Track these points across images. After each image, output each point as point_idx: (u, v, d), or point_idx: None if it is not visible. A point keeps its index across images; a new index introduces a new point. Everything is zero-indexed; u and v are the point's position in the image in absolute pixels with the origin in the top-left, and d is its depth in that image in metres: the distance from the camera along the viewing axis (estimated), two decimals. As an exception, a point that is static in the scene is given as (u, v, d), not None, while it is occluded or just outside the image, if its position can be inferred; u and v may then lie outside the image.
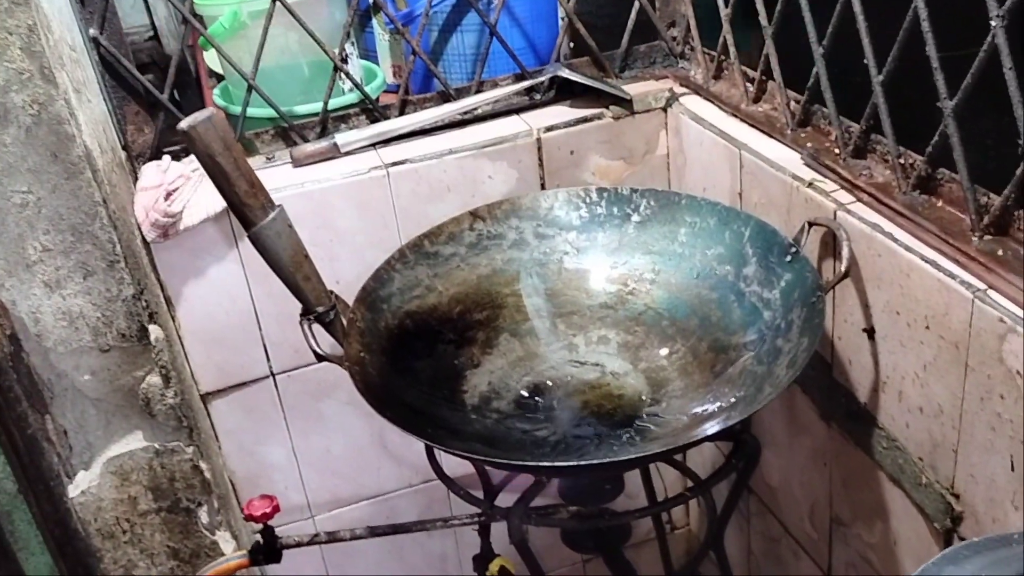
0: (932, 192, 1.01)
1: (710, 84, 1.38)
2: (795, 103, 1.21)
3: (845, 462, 1.19)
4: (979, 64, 0.87)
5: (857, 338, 1.09)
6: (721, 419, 0.95)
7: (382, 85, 1.57)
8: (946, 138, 0.94)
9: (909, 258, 0.96)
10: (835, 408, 1.17)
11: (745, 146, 1.23)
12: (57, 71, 1.01)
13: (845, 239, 1.03)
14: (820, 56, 1.11)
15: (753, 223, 1.12)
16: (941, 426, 0.98)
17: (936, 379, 0.97)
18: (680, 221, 1.19)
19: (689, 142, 1.37)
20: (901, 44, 0.97)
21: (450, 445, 0.96)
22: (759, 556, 1.51)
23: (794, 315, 1.02)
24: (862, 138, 1.09)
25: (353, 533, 1.14)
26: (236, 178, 0.96)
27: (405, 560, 1.61)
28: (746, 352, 1.05)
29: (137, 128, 1.30)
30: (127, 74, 1.27)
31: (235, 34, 1.40)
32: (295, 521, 1.50)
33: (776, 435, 1.34)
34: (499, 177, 1.35)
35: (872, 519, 1.16)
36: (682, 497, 1.05)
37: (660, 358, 1.13)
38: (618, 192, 1.22)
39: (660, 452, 0.96)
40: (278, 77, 1.43)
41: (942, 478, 1.00)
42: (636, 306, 1.18)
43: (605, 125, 1.38)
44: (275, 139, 1.37)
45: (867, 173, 1.08)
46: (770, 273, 1.08)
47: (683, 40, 1.46)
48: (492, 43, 1.39)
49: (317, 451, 1.47)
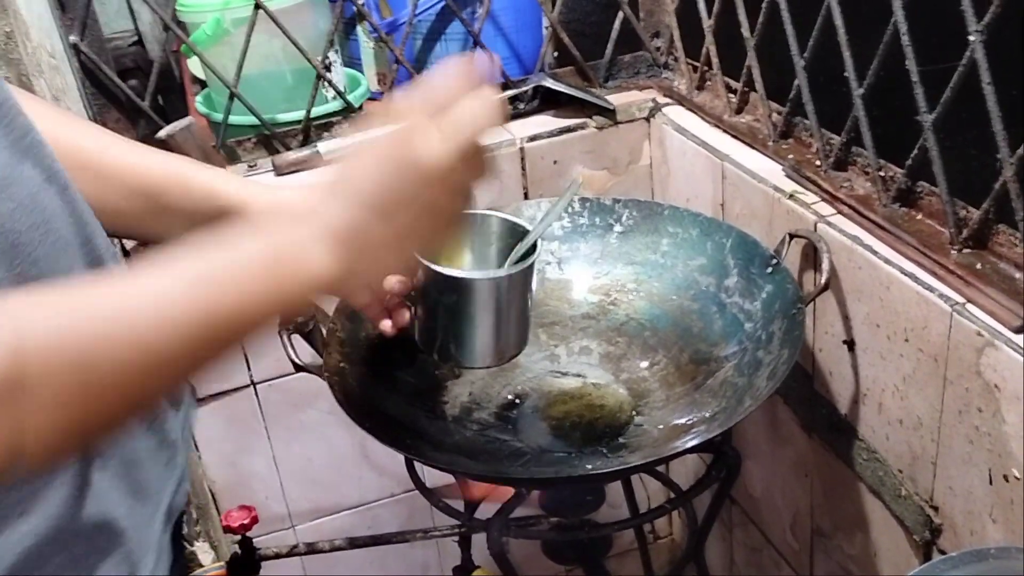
0: (912, 205, 1.01)
1: (694, 95, 1.39)
2: (777, 115, 1.21)
3: (826, 473, 1.19)
4: (958, 78, 0.87)
5: (838, 350, 1.09)
6: (701, 431, 0.95)
7: (366, 93, 1.57)
8: (926, 151, 0.94)
9: (889, 271, 0.97)
10: (816, 419, 1.18)
11: (728, 157, 1.23)
12: (35, 78, 1.01)
13: (825, 251, 1.04)
14: (801, 68, 1.11)
15: (735, 234, 1.12)
16: (920, 439, 0.98)
17: (915, 392, 0.97)
18: (662, 232, 1.19)
19: (672, 152, 1.37)
20: (881, 57, 0.97)
21: (430, 457, 0.95)
22: (741, 566, 1.51)
23: (775, 327, 1.02)
24: (843, 150, 1.09)
25: (332, 544, 1.13)
26: (215, 187, 0.95)
27: (387, 569, 1.61)
28: (727, 363, 1.05)
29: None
30: (108, 81, 1.26)
31: (218, 41, 1.39)
32: (276, 531, 1.49)
33: (758, 446, 1.34)
34: (482, 186, 1.34)
35: (853, 530, 1.16)
36: (662, 509, 1.04)
37: (641, 369, 1.13)
38: (600, 202, 1.22)
39: (640, 464, 0.95)
40: (261, 85, 1.43)
41: (921, 490, 1.00)
42: (618, 316, 1.18)
43: (589, 135, 1.38)
44: (257, 147, 1.36)
45: (848, 185, 1.08)
46: (751, 284, 1.08)
47: (667, 51, 1.47)
48: (476, 52, 1.39)
49: (298, 461, 1.46)
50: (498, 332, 0.81)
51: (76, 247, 0.61)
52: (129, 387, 0.51)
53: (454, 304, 0.78)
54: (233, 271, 0.56)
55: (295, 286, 0.58)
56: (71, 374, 0.48)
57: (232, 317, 0.55)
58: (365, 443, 1.48)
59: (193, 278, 0.55)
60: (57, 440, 0.49)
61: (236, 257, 0.57)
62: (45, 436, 0.47)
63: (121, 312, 0.51)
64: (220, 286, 0.55)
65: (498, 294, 0.78)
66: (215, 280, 0.55)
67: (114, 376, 0.50)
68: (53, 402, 0.47)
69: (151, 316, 0.52)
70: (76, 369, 0.48)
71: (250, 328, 0.57)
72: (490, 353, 0.82)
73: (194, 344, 0.54)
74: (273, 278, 0.57)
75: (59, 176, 0.62)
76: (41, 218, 0.57)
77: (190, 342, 0.53)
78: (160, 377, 0.54)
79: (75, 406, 0.48)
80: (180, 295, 0.53)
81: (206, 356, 0.55)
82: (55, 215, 0.59)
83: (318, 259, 0.59)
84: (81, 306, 0.51)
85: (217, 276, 0.55)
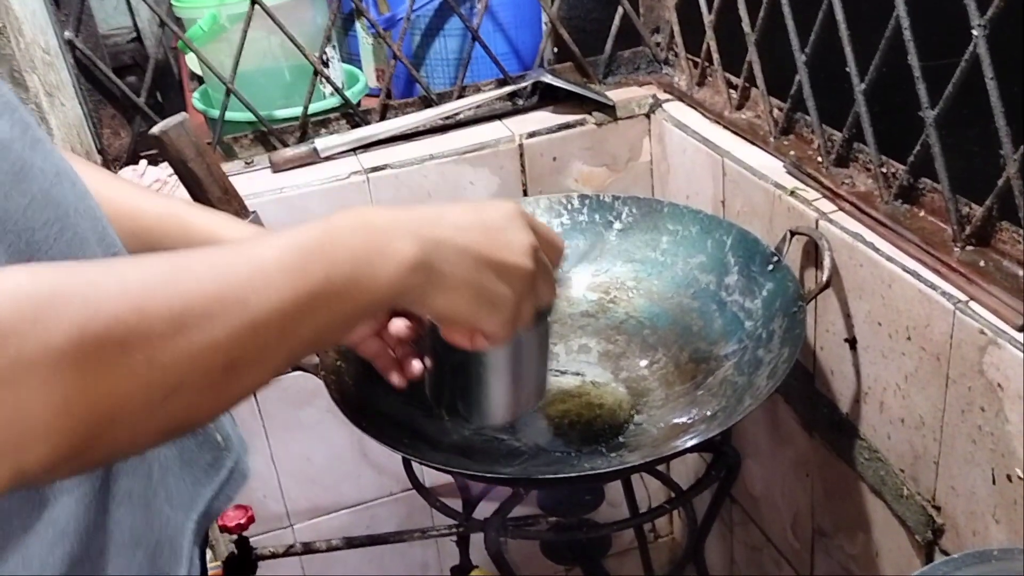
0: (914, 202, 1.00)
1: (694, 91, 1.38)
2: (778, 111, 1.20)
3: (827, 473, 1.18)
4: (960, 74, 0.86)
5: (839, 348, 1.08)
6: (701, 431, 0.94)
7: (364, 89, 1.56)
8: (928, 148, 0.93)
9: (891, 268, 0.96)
10: (817, 418, 1.17)
11: (728, 154, 1.22)
12: (28, 74, 1.00)
13: (827, 248, 1.03)
14: (803, 64, 1.10)
15: (735, 231, 1.11)
16: (922, 438, 0.97)
17: (917, 390, 0.96)
18: (662, 229, 1.18)
19: (672, 149, 1.36)
20: (883, 53, 0.96)
21: (427, 457, 0.94)
22: (741, 565, 1.50)
23: (775, 325, 1.01)
24: (844, 147, 1.08)
25: (329, 544, 1.13)
26: (209, 184, 0.94)
27: (385, 568, 1.60)
28: (727, 362, 1.04)
29: (113, 132, 1.29)
30: (103, 77, 1.25)
31: (215, 37, 1.38)
32: (274, 530, 1.48)
33: (759, 444, 1.33)
34: (481, 183, 1.34)
35: (854, 530, 1.15)
36: (662, 509, 1.03)
37: (641, 367, 1.12)
38: (600, 199, 1.21)
39: (639, 464, 0.94)
40: (259, 81, 1.42)
41: (923, 490, 0.99)
42: (617, 315, 1.17)
43: (588, 131, 1.37)
44: (254, 143, 1.35)
45: (849, 182, 1.07)
46: (752, 282, 1.07)
47: (667, 46, 1.46)
48: (475, 48, 1.38)
49: (296, 459, 1.45)
50: (510, 393, 0.74)
51: (93, 243, 0.58)
52: (229, 353, 0.47)
53: (462, 363, 0.72)
54: (328, 244, 0.53)
55: (381, 261, 0.55)
56: (168, 329, 0.44)
57: (328, 288, 0.51)
58: (363, 442, 1.47)
59: (286, 244, 0.51)
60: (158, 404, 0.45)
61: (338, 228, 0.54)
62: (143, 398, 0.44)
63: (216, 268, 0.48)
64: (313, 253, 0.52)
65: (509, 356, 0.72)
66: (309, 245, 0.52)
67: (214, 340, 0.46)
68: (147, 361, 0.43)
69: (248, 275, 0.48)
70: (171, 326, 0.44)
71: (344, 305, 0.53)
72: (500, 414, 0.76)
73: (295, 312, 0.50)
74: (366, 249, 0.54)
75: (68, 171, 0.59)
76: (55, 214, 0.54)
77: (291, 310, 0.49)
78: (259, 346, 0.49)
79: (173, 366, 0.44)
80: (274, 258, 0.50)
81: (305, 330, 0.51)
82: (70, 210, 0.56)
83: (407, 241, 0.56)
84: (177, 264, 0.47)
85: (309, 244, 0.52)
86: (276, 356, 0.51)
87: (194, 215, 0.77)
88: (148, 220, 0.74)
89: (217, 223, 0.77)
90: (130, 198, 0.75)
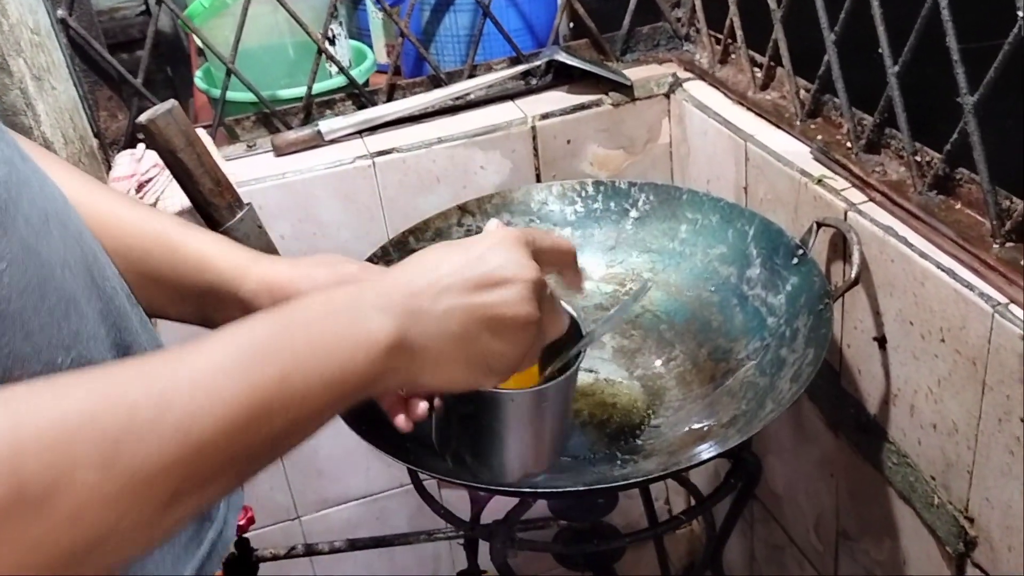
0: (950, 193, 0.93)
1: (716, 69, 1.31)
2: (805, 92, 1.13)
3: (853, 475, 1.12)
4: (1003, 57, 0.80)
5: (867, 347, 1.02)
6: (719, 439, 0.88)
7: (372, 67, 1.50)
8: (966, 135, 0.86)
9: (924, 265, 0.89)
10: (843, 418, 1.11)
11: (751, 137, 1.16)
12: (12, 58, 0.95)
13: (856, 242, 0.96)
14: (832, 42, 1.03)
15: (758, 221, 1.05)
16: (955, 445, 0.91)
17: (951, 395, 0.90)
18: (681, 218, 1.12)
19: (693, 131, 1.30)
20: (919, 33, 0.89)
21: (431, 466, 0.89)
22: (762, 564, 1.45)
23: (799, 323, 0.95)
24: (875, 132, 1.02)
25: (332, 546, 1.09)
26: (200, 175, 0.89)
27: (395, 560, 1.56)
28: (748, 362, 0.98)
29: (110, 114, 1.24)
30: (98, 56, 1.20)
31: (218, 12, 1.33)
32: (281, 522, 1.45)
33: (781, 441, 1.28)
34: (492, 167, 1.28)
35: (880, 536, 1.09)
36: (678, 520, 0.98)
37: (657, 365, 1.06)
38: (615, 186, 1.15)
39: (653, 477, 0.89)
40: (262, 59, 1.36)
41: (955, 500, 0.94)
42: (632, 308, 1.11)
43: (604, 112, 1.31)
44: (257, 125, 1.30)
45: (880, 170, 1.01)
46: (775, 276, 1.01)
47: (688, 22, 1.39)
48: (486, 24, 1.32)
49: (303, 451, 1.40)
50: (522, 450, 0.68)
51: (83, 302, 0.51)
52: (170, 483, 0.41)
53: (471, 414, 0.66)
54: (285, 338, 0.48)
55: (350, 349, 0.49)
56: (96, 472, 0.38)
57: (285, 390, 0.46)
58: (371, 433, 1.43)
59: (233, 342, 0.46)
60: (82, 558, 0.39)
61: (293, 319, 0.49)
62: (65, 556, 0.38)
63: (152, 389, 0.42)
64: (265, 349, 0.46)
65: (524, 411, 0.65)
66: (261, 349, 0.46)
67: (153, 471, 0.40)
68: (72, 513, 0.38)
69: (189, 390, 0.43)
70: (101, 466, 0.39)
71: (306, 406, 0.47)
72: (511, 472, 0.70)
73: (246, 425, 0.44)
74: (330, 336, 0.49)
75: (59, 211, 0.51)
76: (37, 277, 0.47)
77: (241, 423, 0.44)
78: (206, 469, 0.43)
79: (102, 512, 0.39)
80: (226, 366, 0.45)
81: (259, 443, 0.45)
82: (56, 268, 0.49)
83: (378, 321, 0.51)
84: (99, 388, 0.41)
85: (260, 339, 0.47)
86: (225, 477, 0.45)
87: (184, 237, 0.70)
88: (132, 236, 0.68)
89: (209, 249, 0.70)
90: (114, 208, 0.69)
